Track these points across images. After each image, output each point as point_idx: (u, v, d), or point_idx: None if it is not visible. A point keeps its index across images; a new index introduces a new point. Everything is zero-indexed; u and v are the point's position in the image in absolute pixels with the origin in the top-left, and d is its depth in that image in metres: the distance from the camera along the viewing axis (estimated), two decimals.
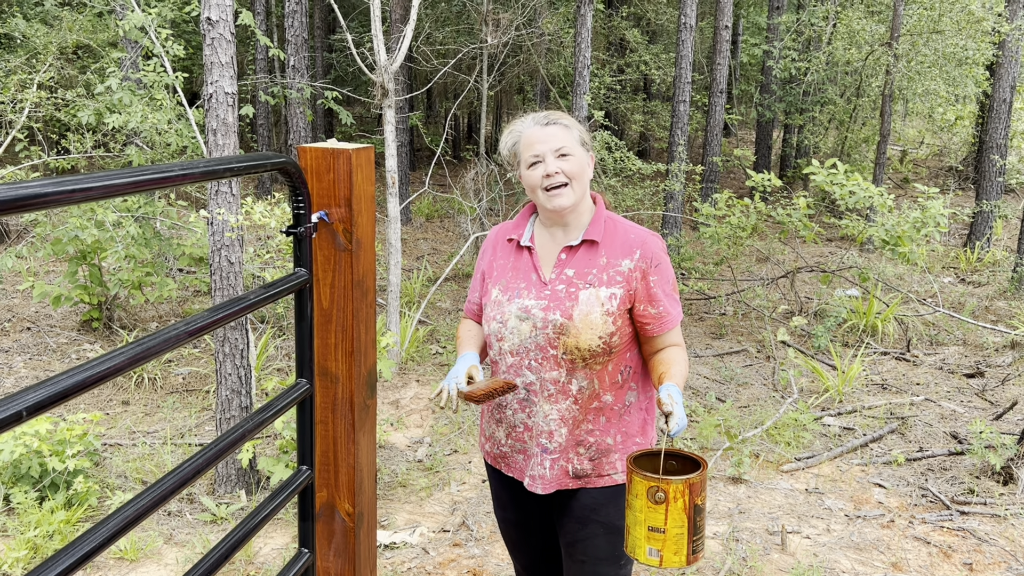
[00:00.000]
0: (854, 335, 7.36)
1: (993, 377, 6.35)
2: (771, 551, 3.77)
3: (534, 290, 2.10)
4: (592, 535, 2.15)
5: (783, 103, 14.16)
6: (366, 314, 1.79)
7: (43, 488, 4.01)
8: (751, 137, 18.76)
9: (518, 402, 2.13)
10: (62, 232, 6.11)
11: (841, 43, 13.00)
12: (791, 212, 7.37)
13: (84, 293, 6.58)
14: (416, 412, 5.42)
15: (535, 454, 2.13)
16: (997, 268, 10.16)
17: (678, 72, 10.17)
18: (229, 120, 3.89)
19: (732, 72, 16.88)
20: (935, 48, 11.74)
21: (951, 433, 5.22)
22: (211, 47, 3.83)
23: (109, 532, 1.07)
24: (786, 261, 9.76)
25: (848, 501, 4.31)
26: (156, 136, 5.80)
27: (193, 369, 6.19)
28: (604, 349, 2.05)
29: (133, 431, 5.12)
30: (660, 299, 2.09)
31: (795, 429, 5.13)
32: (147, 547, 3.70)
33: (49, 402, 0.95)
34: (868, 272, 7.49)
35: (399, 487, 4.39)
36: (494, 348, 2.15)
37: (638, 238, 2.11)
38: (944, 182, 15.84)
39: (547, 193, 2.07)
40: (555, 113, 2.13)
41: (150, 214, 6.61)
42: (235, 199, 4.00)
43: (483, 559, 3.66)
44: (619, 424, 2.13)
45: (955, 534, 3.96)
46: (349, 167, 1.67)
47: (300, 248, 1.60)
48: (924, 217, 6.85)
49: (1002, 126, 10.52)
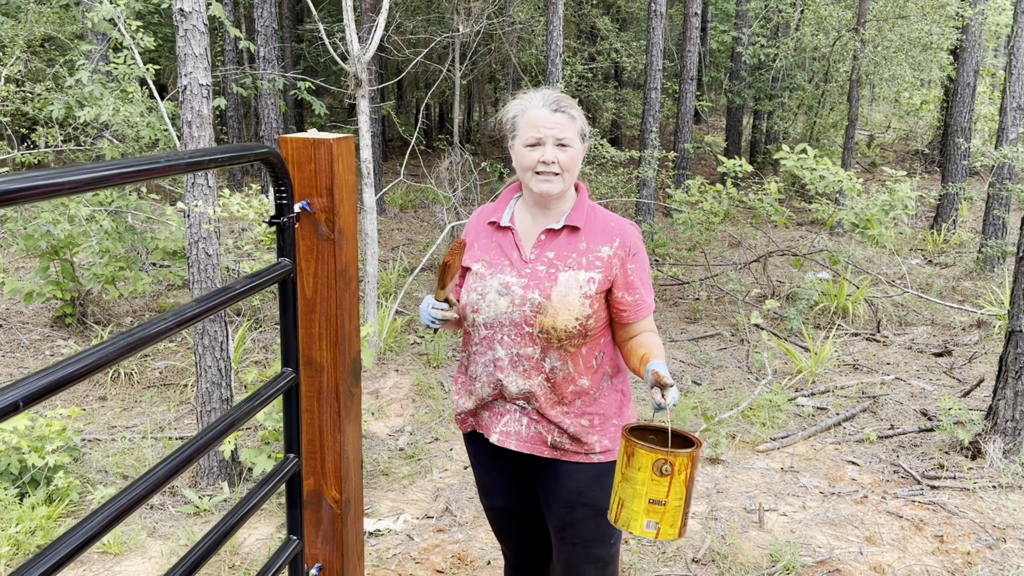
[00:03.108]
0: (826, 317, 7.48)
1: (960, 355, 6.50)
2: (749, 529, 3.85)
3: (515, 268, 2.16)
4: (581, 518, 2.19)
5: (752, 89, 14.29)
6: (349, 303, 1.81)
7: (23, 485, 3.99)
8: (722, 124, 18.89)
9: (487, 375, 2.18)
10: (34, 227, 6.04)
11: (809, 29, 13.13)
12: (762, 197, 7.47)
13: (56, 289, 6.51)
14: (396, 401, 5.45)
15: (510, 411, 2.18)
16: (963, 249, 10.36)
17: (649, 59, 10.22)
18: (204, 112, 3.87)
19: (702, 59, 16.97)
20: (901, 33, 11.89)
21: (921, 411, 5.34)
22: (184, 38, 3.81)
23: (97, 527, 1.07)
24: (758, 245, 9.88)
25: (823, 479, 4.41)
26: (128, 129, 5.74)
27: (170, 363, 6.16)
28: (580, 331, 2.10)
29: (112, 426, 5.09)
30: (637, 287, 2.15)
31: (770, 410, 5.22)
32: (131, 540, 3.70)
33: (43, 392, 0.96)
34: (838, 255, 7.61)
35: (381, 475, 4.42)
36: (468, 319, 2.20)
37: (618, 226, 2.18)
38: (911, 166, 16.08)
39: (538, 176, 2.12)
40: (565, 99, 2.14)
41: (123, 208, 6.55)
42: (212, 191, 3.99)
43: (467, 543, 3.71)
44: (595, 406, 2.18)
45: (926, 508, 4.07)
46: (330, 157, 1.68)
47: (283, 238, 1.62)
48: (892, 200, 6.97)
49: (966, 110, 10.69)
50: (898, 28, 12.00)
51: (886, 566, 3.53)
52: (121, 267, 6.57)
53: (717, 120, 21.25)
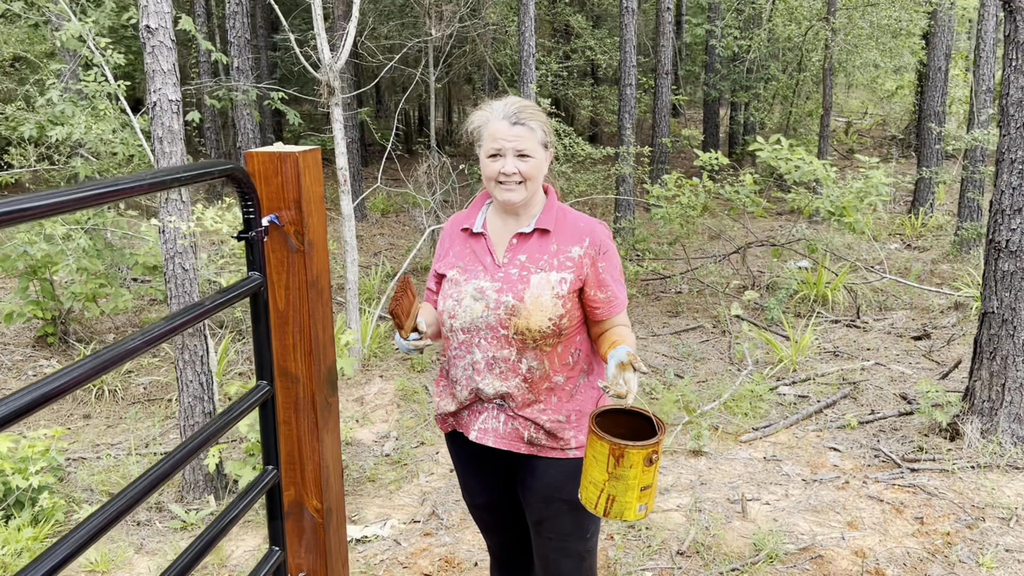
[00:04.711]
0: (806, 305, 7.55)
1: (939, 338, 6.58)
2: (733, 519, 3.89)
3: (489, 272, 2.21)
4: (557, 513, 2.24)
5: (727, 81, 14.37)
6: (322, 313, 1.83)
7: (8, 507, 3.98)
8: (700, 116, 18.99)
9: (466, 378, 2.22)
10: (10, 248, 6.02)
11: (781, 19, 13.23)
12: (739, 189, 7.53)
13: (37, 308, 6.49)
14: (381, 408, 5.46)
15: (488, 409, 2.23)
16: (940, 232, 10.47)
17: (623, 56, 10.27)
18: (175, 127, 3.88)
19: (678, 53, 17.05)
20: (870, 20, 12.00)
21: (901, 394, 5.41)
22: (152, 55, 3.81)
23: (76, 544, 1.09)
24: (737, 237, 9.94)
25: (805, 466, 4.46)
26: (101, 146, 5.73)
27: (154, 379, 6.15)
28: (554, 331, 2.14)
29: (96, 444, 5.08)
30: (608, 284, 2.20)
31: (752, 400, 5.27)
32: (118, 558, 3.71)
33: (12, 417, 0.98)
34: (816, 243, 7.69)
35: (368, 482, 4.44)
36: (446, 325, 2.25)
37: (587, 226, 2.24)
38: (888, 151, 16.22)
39: (500, 186, 2.18)
40: (525, 110, 2.19)
41: (100, 225, 6.53)
42: (185, 206, 4.00)
43: (454, 546, 3.74)
44: (571, 403, 2.22)
45: (906, 491, 4.12)
46: (296, 170, 1.70)
47: (252, 252, 1.64)
48: (866, 187, 7.05)
49: (939, 94, 10.81)
50: (868, 15, 12.11)
51: (867, 550, 3.59)
52: (101, 284, 6.55)
53: (696, 113, 21.34)
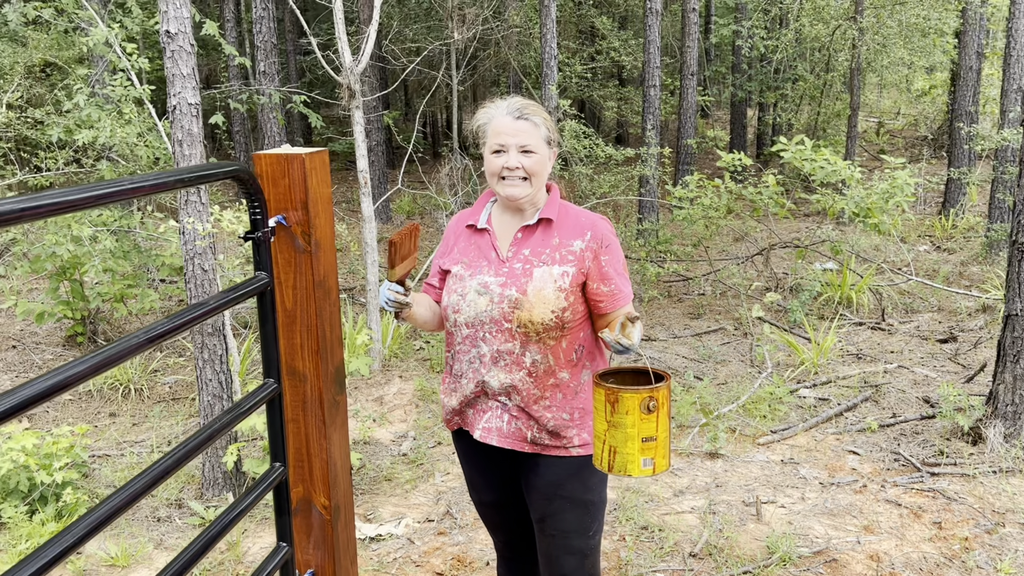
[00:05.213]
0: (830, 308, 7.48)
1: (965, 341, 6.49)
2: (747, 521, 3.87)
3: (493, 267, 2.24)
4: (559, 510, 2.26)
5: (754, 82, 14.27)
6: (330, 313, 1.87)
7: (33, 502, 4.07)
8: (727, 117, 18.86)
9: (472, 371, 2.24)
10: (39, 249, 6.15)
11: (808, 19, 13.11)
12: (762, 190, 7.48)
13: (67, 308, 6.62)
14: (399, 407, 5.51)
15: (492, 408, 2.24)
16: (971, 234, 10.32)
17: (647, 57, 10.25)
18: (194, 130, 3.95)
19: (706, 53, 16.96)
20: (899, 19, 11.85)
21: (923, 398, 5.34)
22: (172, 59, 3.88)
23: (80, 534, 1.13)
24: (761, 239, 9.87)
25: (822, 469, 4.42)
26: (126, 149, 5.84)
27: (179, 378, 6.25)
28: (556, 323, 2.16)
29: (121, 442, 5.18)
30: (612, 277, 2.22)
31: (771, 402, 5.24)
32: (138, 553, 3.78)
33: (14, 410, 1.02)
34: (841, 245, 7.61)
35: (384, 481, 4.48)
36: (450, 320, 2.27)
37: (588, 221, 2.26)
38: (919, 152, 16.00)
39: (503, 181, 2.21)
40: (529, 107, 2.22)
41: (126, 227, 6.65)
42: (204, 208, 4.06)
43: (467, 545, 3.76)
44: (575, 401, 2.23)
45: (925, 495, 4.08)
46: (303, 171, 1.74)
47: (259, 252, 1.68)
48: (891, 188, 6.97)
49: (970, 93, 10.64)
50: (896, 14, 11.97)
51: (883, 554, 3.55)
52: (129, 285, 6.67)
53: (724, 114, 21.21)
